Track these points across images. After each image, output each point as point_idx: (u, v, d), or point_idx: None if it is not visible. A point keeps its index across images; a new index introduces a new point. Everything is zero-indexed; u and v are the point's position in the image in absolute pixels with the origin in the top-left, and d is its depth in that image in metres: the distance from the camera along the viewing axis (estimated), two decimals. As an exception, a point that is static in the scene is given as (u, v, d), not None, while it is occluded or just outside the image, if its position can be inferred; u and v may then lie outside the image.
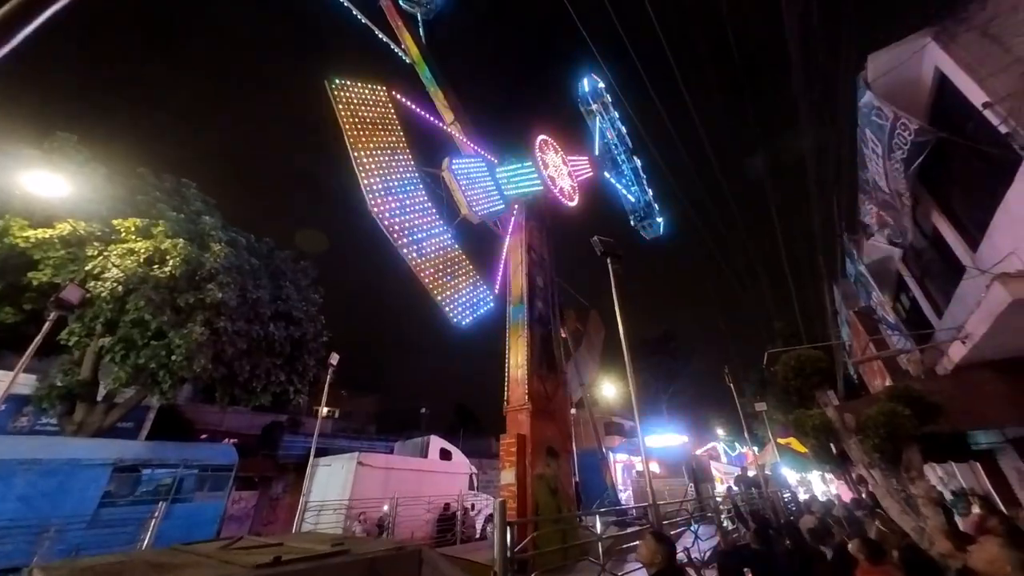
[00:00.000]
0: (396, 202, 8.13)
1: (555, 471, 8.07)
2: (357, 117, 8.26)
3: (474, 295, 9.03)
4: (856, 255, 9.82)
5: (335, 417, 30.19)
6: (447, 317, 8.36)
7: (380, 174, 8.05)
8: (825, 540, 5.84)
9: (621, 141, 19.83)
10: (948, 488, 11.69)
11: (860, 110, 6.32)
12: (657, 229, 19.52)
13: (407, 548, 2.50)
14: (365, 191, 7.72)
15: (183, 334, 10.48)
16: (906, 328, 9.17)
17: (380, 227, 7.83)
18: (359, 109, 8.40)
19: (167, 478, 10.73)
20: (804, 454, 17.73)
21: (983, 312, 4.22)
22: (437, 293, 8.26)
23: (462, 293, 8.75)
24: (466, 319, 8.60)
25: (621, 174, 19.48)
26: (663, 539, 2.78)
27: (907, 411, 3.86)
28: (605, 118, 19.94)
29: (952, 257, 6.23)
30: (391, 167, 8.35)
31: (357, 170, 7.77)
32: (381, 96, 8.96)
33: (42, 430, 12.09)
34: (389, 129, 8.73)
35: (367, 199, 7.71)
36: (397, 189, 8.26)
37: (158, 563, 2.02)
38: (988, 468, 8.11)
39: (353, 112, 8.25)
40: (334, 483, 11.91)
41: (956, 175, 5.77)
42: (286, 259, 15.14)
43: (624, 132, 20.16)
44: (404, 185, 8.43)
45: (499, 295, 9.83)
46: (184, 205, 12.66)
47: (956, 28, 4.84)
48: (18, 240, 10.06)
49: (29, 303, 10.69)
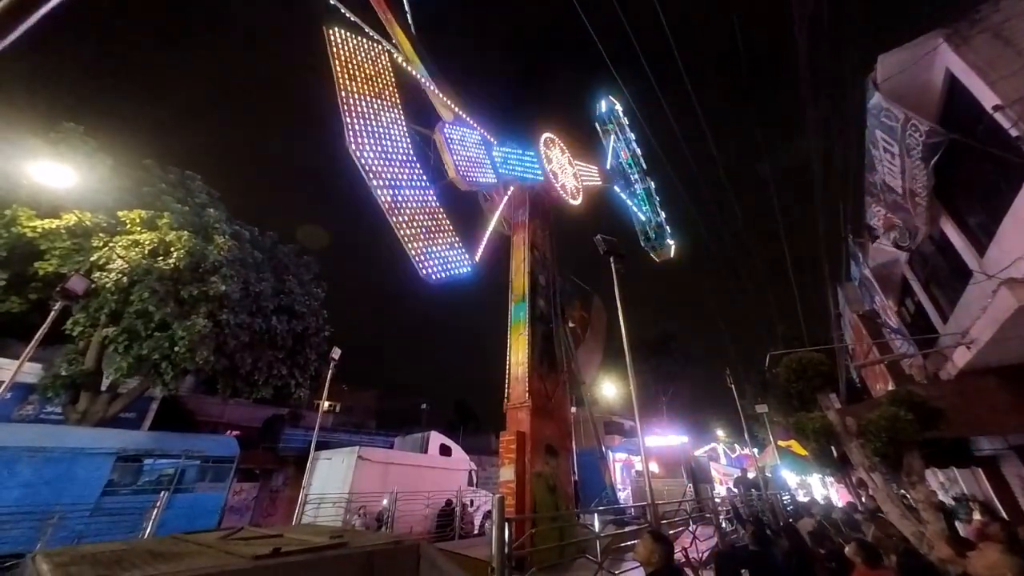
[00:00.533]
0: (379, 146, 7.79)
1: (554, 469, 8.09)
2: (352, 66, 7.99)
3: (450, 255, 8.49)
4: (861, 258, 9.75)
5: (336, 411, 30.36)
6: (416, 268, 7.79)
7: (366, 118, 7.75)
8: (824, 543, 5.84)
9: (635, 162, 19.78)
10: (949, 494, 11.64)
11: (869, 111, 6.26)
12: (668, 252, 19.32)
13: (405, 542, 2.51)
14: (346, 128, 7.35)
15: (186, 326, 10.55)
16: (911, 332, 9.12)
17: (359, 168, 7.37)
18: (356, 60, 8.14)
19: (169, 468, 10.82)
20: (805, 457, 17.69)
21: (989, 317, 4.19)
22: (409, 242, 7.73)
23: (437, 249, 8.22)
24: (436, 275, 8.02)
25: (633, 194, 19.36)
26: (661, 538, 2.77)
27: (909, 416, 3.84)
28: (620, 138, 19.91)
29: (959, 261, 6.17)
30: (378, 115, 8.04)
31: (341, 107, 7.41)
32: (383, 58, 8.74)
33: (47, 418, 12.23)
34: (383, 84, 8.48)
35: (347, 137, 7.33)
36: (383, 136, 7.93)
37: (159, 551, 2.04)
38: (990, 475, 8.07)
39: (348, 61, 7.98)
40: (334, 477, 11.98)
41: (965, 179, 5.71)
42: (289, 253, 15.20)
43: (639, 154, 20.12)
44: (390, 134, 8.10)
45: (479, 266, 9.25)
46: (189, 197, 12.72)
47: (968, 30, 4.77)
48: (25, 230, 10.14)
49: (35, 293, 10.78)
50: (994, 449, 7.59)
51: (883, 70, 5.45)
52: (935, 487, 12.20)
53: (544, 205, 12.74)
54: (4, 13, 1.59)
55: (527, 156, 12.66)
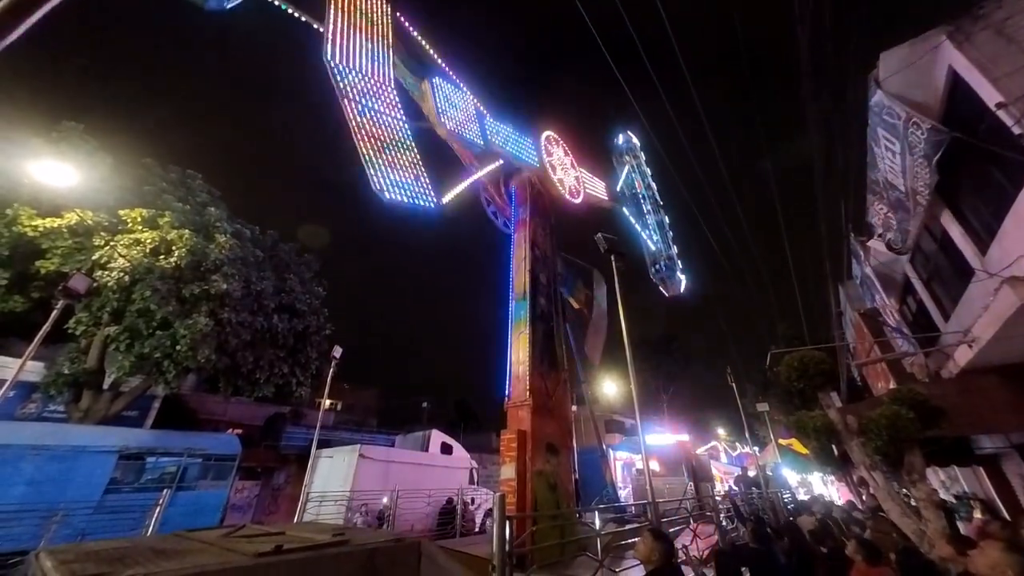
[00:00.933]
0: (358, 69, 7.61)
1: (555, 467, 8.11)
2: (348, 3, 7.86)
3: (414, 184, 8.02)
4: (863, 256, 9.73)
5: (337, 410, 30.42)
6: (373, 183, 7.33)
7: (351, 45, 7.62)
8: (824, 541, 5.84)
9: (650, 196, 19.32)
10: (951, 492, 11.64)
11: (871, 109, 6.24)
12: (678, 287, 18.60)
13: (406, 540, 2.52)
14: (326, 41, 7.20)
15: (188, 324, 10.57)
16: (912, 331, 9.10)
17: (331, 76, 7.10)
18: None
19: (171, 466, 10.87)
20: (805, 455, 17.69)
21: (991, 316, 4.18)
22: (370, 158, 7.32)
23: (399, 173, 7.80)
24: (393, 195, 7.56)
25: (646, 224, 18.80)
26: (661, 537, 2.78)
27: (910, 414, 3.84)
28: (636, 171, 19.54)
29: (961, 260, 6.16)
30: (365, 46, 7.91)
31: (325, 29, 7.25)
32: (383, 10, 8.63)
33: (49, 417, 12.28)
34: (377, 25, 8.37)
35: (326, 48, 7.14)
36: (364, 62, 7.77)
37: (161, 549, 2.05)
38: (991, 473, 8.06)
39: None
40: (335, 475, 12.03)
41: (967, 177, 5.69)
42: (290, 251, 15.22)
43: (655, 188, 19.72)
44: (374, 63, 7.94)
45: (440, 205, 8.66)
46: (190, 196, 12.73)
47: (971, 27, 4.75)
48: (27, 229, 10.16)
49: (37, 291, 10.81)
50: (996, 447, 7.59)
51: (885, 67, 5.43)
52: (936, 485, 12.20)
53: (544, 203, 12.73)
54: (4, 12, 1.59)
55: (524, 140, 12.61)
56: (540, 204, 12.37)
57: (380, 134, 7.70)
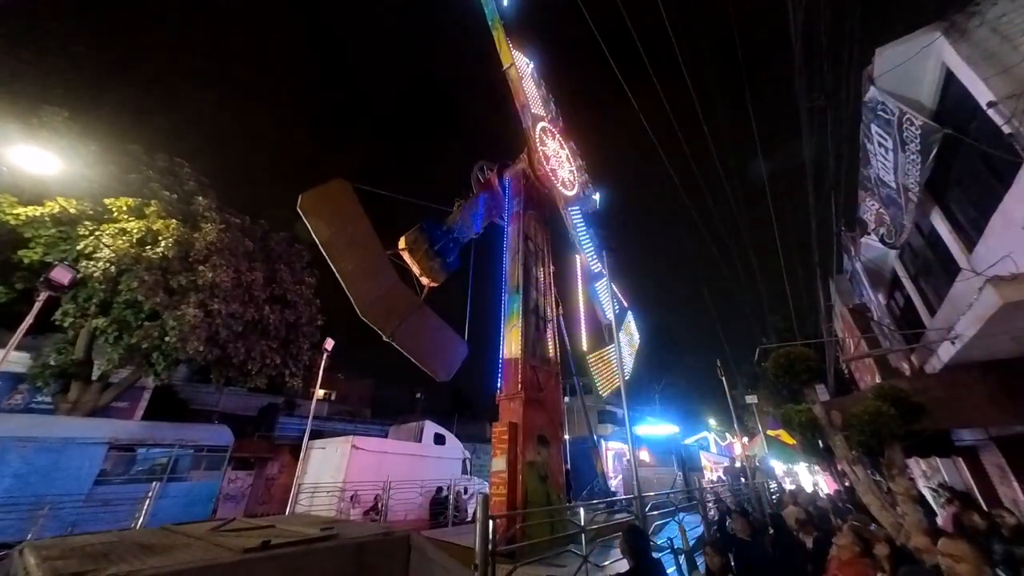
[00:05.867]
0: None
1: (545, 459, 8.20)
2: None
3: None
4: (853, 251, 9.83)
5: (331, 400, 30.45)
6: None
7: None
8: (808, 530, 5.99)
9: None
10: (931, 482, 11.98)
11: (865, 105, 6.24)
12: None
13: (395, 533, 2.53)
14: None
15: (176, 315, 10.45)
16: (899, 326, 9.25)
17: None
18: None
19: (162, 458, 10.84)
20: (792, 446, 18.09)
21: (974, 314, 4.25)
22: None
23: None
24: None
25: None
26: (636, 533, 2.96)
27: (892, 411, 3.91)
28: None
29: (948, 257, 6.24)
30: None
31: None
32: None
33: (37, 408, 12.14)
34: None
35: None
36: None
37: (148, 544, 2.04)
38: (970, 464, 8.29)
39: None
40: (328, 466, 12.07)
41: (956, 175, 5.73)
42: (281, 242, 15.03)
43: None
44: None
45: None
46: (178, 185, 12.48)
47: (966, 23, 4.74)
48: (8, 217, 9.91)
49: (20, 282, 10.60)
50: (975, 440, 7.79)
51: (880, 64, 5.42)
52: (917, 475, 12.55)
53: (538, 196, 12.67)
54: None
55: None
56: (534, 197, 12.31)
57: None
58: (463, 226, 11.57)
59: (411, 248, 9.95)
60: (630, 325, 15.37)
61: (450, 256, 10.86)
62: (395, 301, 9.20)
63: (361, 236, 8.86)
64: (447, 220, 11.36)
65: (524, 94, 12.95)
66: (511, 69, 12.87)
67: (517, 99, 12.93)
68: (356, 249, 8.63)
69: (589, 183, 16.29)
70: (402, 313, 9.15)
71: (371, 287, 8.68)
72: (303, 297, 14.72)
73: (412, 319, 9.34)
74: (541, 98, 14.51)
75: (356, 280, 8.34)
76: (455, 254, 11.09)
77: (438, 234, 10.66)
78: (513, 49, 13.29)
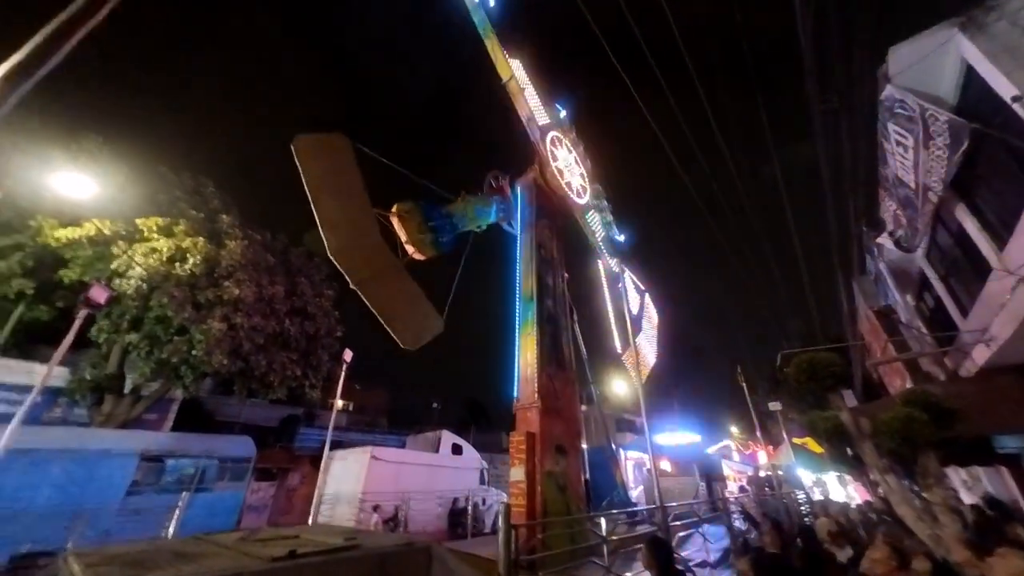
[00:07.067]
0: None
1: (564, 468, 8.12)
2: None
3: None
4: (876, 252, 9.53)
5: (349, 411, 30.79)
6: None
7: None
8: (840, 543, 5.74)
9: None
10: (972, 493, 11.32)
11: (881, 104, 6.12)
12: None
13: (417, 544, 2.57)
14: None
15: (203, 329, 10.84)
16: (930, 328, 8.88)
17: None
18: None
19: (190, 468, 11.14)
20: (820, 454, 17.33)
21: (1008, 314, 4.08)
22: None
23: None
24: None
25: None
26: (659, 545, 2.90)
27: (924, 416, 3.76)
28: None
29: (978, 256, 6.00)
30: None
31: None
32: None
33: (74, 421, 12.68)
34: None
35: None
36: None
37: (182, 552, 2.13)
38: (1015, 473, 7.84)
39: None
40: (348, 476, 12.19)
41: (982, 172, 5.54)
42: (301, 256, 15.46)
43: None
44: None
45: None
46: (203, 204, 13.03)
47: (984, 18, 4.63)
48: (51, 240, 10.52)
49: (61, 300, 11.20)
50: (1018, 447, 7.37)
51: (895, 63, 5.33)
52: (958, 485, 11.88)
53: (551, 205, 12.73)
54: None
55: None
56: (546, 206, 12.38)
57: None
58: (464, 217, 11.47)
59: (402, 216, 9.74)
60: (649, 309, 15.52)
61: (444, 236, 10.60)
62: (372, 255, 8.85)
63: (349, 188, 8.60)
64: (449, 206, 11.23)
65: (528, 106, 12.74)
66: (511, 82, 12.60)
67: (521, 112, 12.75)
68: (341, 198, 8.40)
69: (602, 193, 16.32)
70: (377, 267, 8.74)
71: (349, 235, 8.38)
72: (322, 309, 15.06)
73: (387, 276, 8.93)
74: (545, 103, 14.14)
75: (334, 226, 8.06)
76: (450, 236, 10.84)
77: (436, 214, 10.53)
78: (510, 57, 12.88)
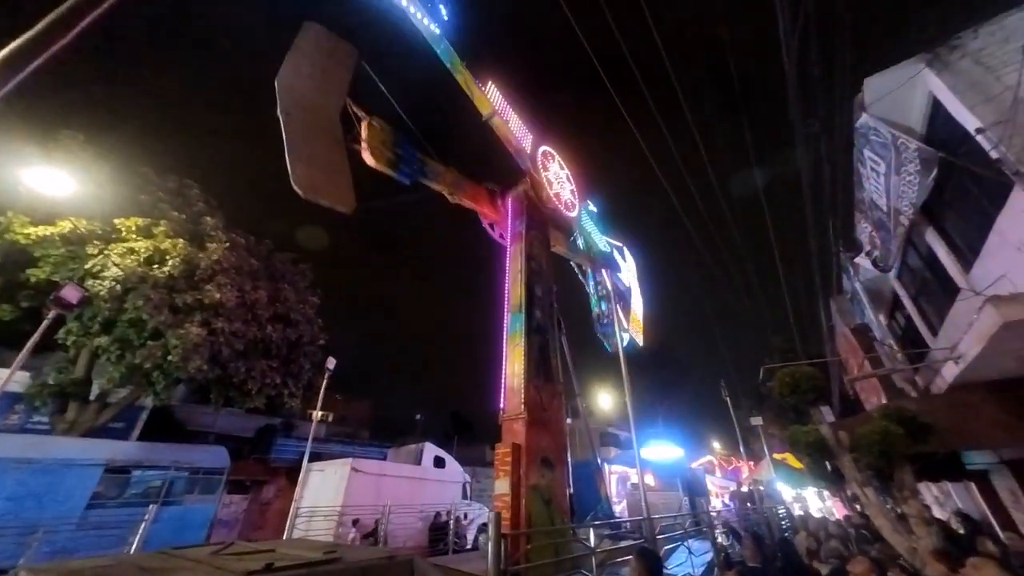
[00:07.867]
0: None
1: (549, 481, 8.03)
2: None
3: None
4: (852, 272, 9.91)
5: (329, 421, 29.95)
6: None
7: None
8: (819, 557, 5.82)
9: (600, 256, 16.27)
10: (944, 508, 11.63)
11: (857, 131, 6.46)
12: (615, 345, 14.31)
13: (399, 558, 2.50)
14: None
15: (180, 334, 10.46)
16: (902, 346, 9.22)
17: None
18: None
19: (157, 480, 10.63)
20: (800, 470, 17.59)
21: (975, 333, 4.27)
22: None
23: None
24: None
25: (597, 283, 16.00)
26: (647, 557, 2.88)
27: (900, 430, 3.88)
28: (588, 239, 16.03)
29: (947, 277, 6.30)
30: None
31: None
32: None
33: (33, 428, 11.99)
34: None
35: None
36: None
37: (148, 567, 2.02)
38: (983, 489, 8.10)
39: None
40: (327, 489, 11.80)
41: (949, 197, 5.86)
42: (285, 261, 15.19)
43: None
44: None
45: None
46: (186, 206, 12.73)
47: (949, 55, 4.97)
48: (18, 237, 10.08)
49: (26, 300, 10.68)
50: (986, 463, 7.63)
51: (869, 93, 5.64)
52: (930, 501, 12.20)
53: (541, 216, 12.87)
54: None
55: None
56: (536, 217, 12.50)
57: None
58: (439, 176, 10.70)
59: (372, 126, 9.06)
60: (629, 263, 17.56)
61: (406, 166, 9.73)
62: (317, 116, 7.77)
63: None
64: (428, 158, 10.42)
65: (516, 138, 12.35)
66: (494, 119, 11.87)
67: (509, 146, 12.47)
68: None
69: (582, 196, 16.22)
70: (316, 121, 7.74)
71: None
72: (305, 316, 14.77)
73: (318, 130, 7.86)
74: (528, 123, 13.41)
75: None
76: (412, 171, 9.88)
77: (409, 149, 9.84)
78: (485, 88, 11.80)
